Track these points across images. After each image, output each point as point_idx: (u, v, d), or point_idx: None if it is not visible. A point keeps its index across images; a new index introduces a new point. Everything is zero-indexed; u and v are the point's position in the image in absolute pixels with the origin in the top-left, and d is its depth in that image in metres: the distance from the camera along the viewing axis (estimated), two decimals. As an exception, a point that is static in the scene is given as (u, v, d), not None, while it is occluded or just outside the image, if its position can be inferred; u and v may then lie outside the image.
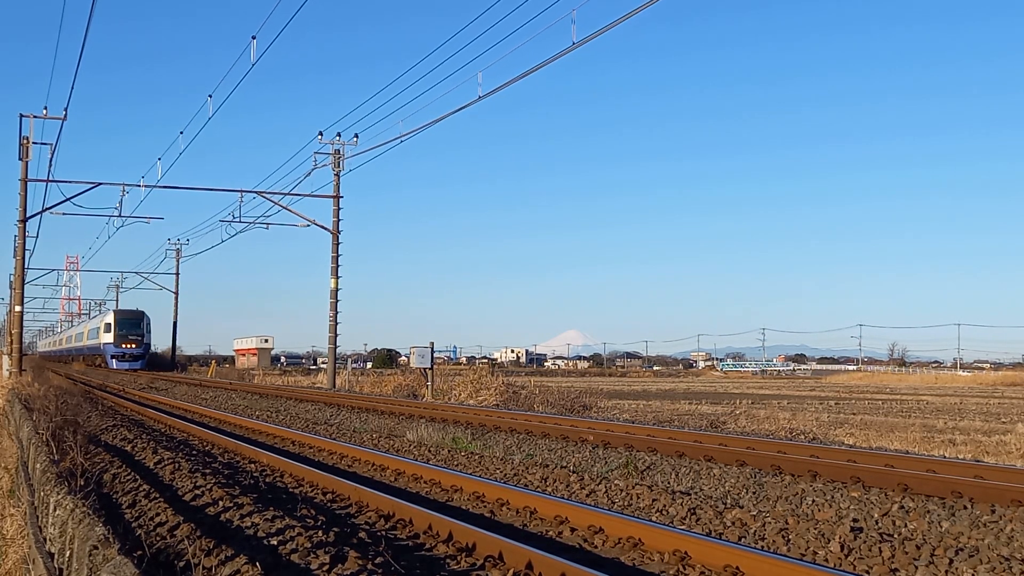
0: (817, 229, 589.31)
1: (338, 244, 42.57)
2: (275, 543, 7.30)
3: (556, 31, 20.40)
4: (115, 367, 73.86)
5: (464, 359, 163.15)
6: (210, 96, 33.17)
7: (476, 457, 13.21)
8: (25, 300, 45.67)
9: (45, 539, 7.63)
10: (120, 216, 45.74)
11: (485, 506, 9.57)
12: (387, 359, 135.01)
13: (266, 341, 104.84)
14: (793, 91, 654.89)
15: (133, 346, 75.75)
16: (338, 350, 45.08)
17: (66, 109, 37.02)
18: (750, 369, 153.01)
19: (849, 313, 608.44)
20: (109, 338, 75.67)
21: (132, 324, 76.31)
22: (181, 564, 6.50)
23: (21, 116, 39.51)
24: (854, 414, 35.26)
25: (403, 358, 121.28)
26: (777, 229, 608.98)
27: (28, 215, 42.58)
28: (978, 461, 12.78)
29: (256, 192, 42.65)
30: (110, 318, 76.89)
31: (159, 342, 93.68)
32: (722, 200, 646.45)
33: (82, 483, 9.27)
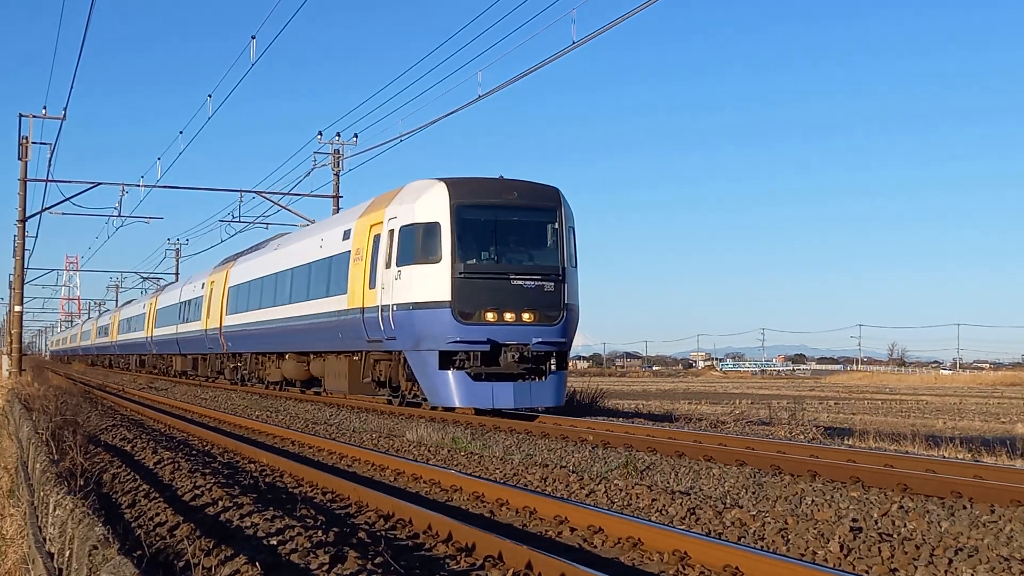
0: (817, 229, 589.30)
1: (338, 244, 42.20)
2: (275, 543, 7.31)
3: (556, 31, 20.34)
4: (457, 404, 17.99)
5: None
6: (210, 96, 32.77)
7: (476, 457, 13.21)
8: (25, 300, 45.69)
9: (45, 539, 7.64)
10: (119, 216, 45.73)
11: (485, 506, 9.57)
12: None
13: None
14: (792, 90, 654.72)
15: (539, 320, 18.12)
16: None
17: (65, 109, 37.08)
18: (750, 369, 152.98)
19: (849, 313, 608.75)
20: (438, 289, 17.98)
21: (528, 231, 18.97)
22: (181, 564, 6.51)
23: (20, 116, 39.57)
24: (854, 414, 35.26)
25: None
26: (777, 229, 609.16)
27: (27, 215, 42.60)
28: (977, 461, 12.78)
29: (255, 192, 42.62)
30: (437, 204, 18.29)
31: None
32: (722, 199, 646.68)
33: (82, 483, 9.27)
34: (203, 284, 39.36)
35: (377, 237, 20.26)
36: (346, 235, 22.51)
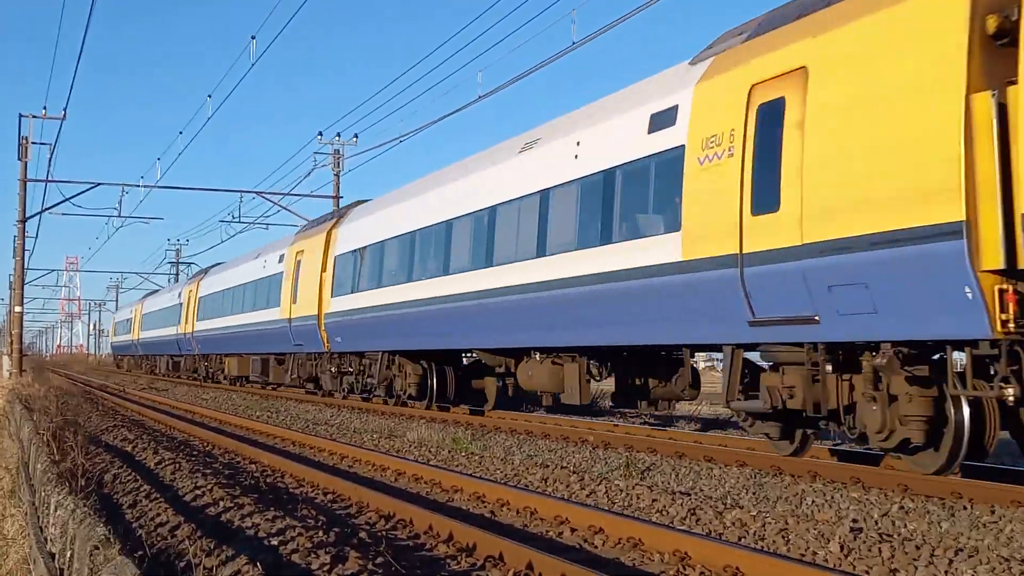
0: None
1: (338, 244, 42.27)
2: (276, 543, 7.33)
3: (556, 31, 20.42)
4: None
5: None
6: (209, 96, 33.00)
7: (476, 457, 13.22)
8: (25, 301, 45.69)
9: (46, 539, 7.66)
10: (120, 216, 45.91)
11: (485, 506, 9.58)
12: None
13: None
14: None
15: None
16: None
17: (65, 109, 37.15)
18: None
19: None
20: None
21: None
22: (182, 564, 6.52)
23: (20, 116, 39.59)
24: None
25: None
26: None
27: (27, 215, 42.60)
28: (977, 462, 12.78)
29: (256, 192, 42.69)
30: None
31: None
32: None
33: (83, 483, 9.30)
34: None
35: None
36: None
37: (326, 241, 24.83)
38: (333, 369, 25.01)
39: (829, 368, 10.06)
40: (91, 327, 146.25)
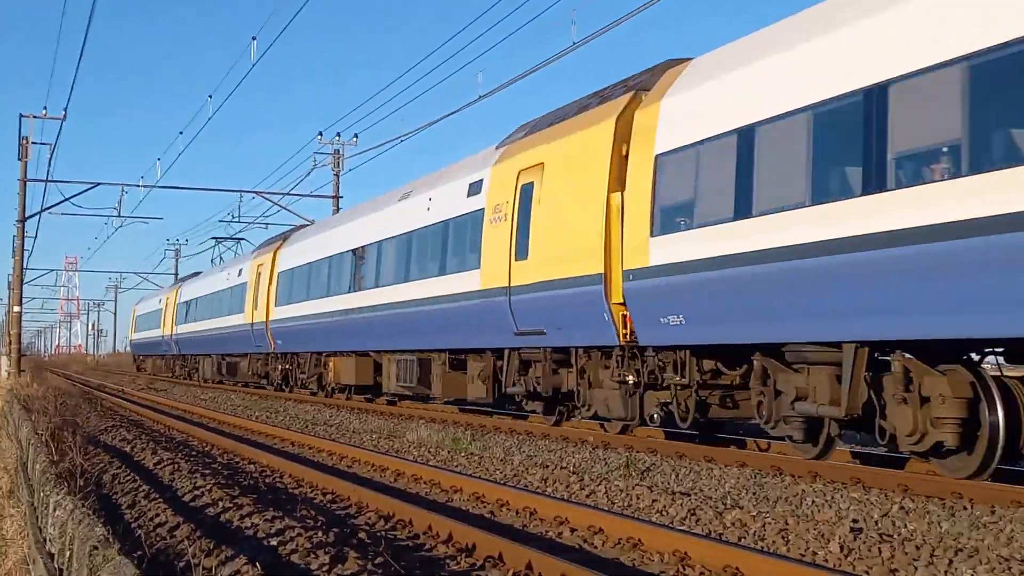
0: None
1: (337, 245, 41.99)
2: (275, 543, 7.32)
3: (556, 31, 20.44)
4: None
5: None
6: (210, 96, 32.94)
7: (476, 458, 13.22)
8: (24, 300, 45.69)
9: (45, 539, 7.65)
10: (119, 216, 45.93)
11: (485, 507, 9.58)
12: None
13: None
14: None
15: None
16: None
17: (65, 109, 37.15)
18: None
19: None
20: None
21: None
22: (181, 564, 6.51)
23: (21, 116, 39.57)
24: (853, 415, 35.21)
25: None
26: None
27: (27, 215, 42.58)
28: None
29: (255, 192, 42.69)
30: None
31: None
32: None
33: (82, 484, 9.29)
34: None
35: None
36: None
37: (615, 132, 13.42)
38: (631, 378, 13.67)
39: None
40: (90, 327, 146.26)
